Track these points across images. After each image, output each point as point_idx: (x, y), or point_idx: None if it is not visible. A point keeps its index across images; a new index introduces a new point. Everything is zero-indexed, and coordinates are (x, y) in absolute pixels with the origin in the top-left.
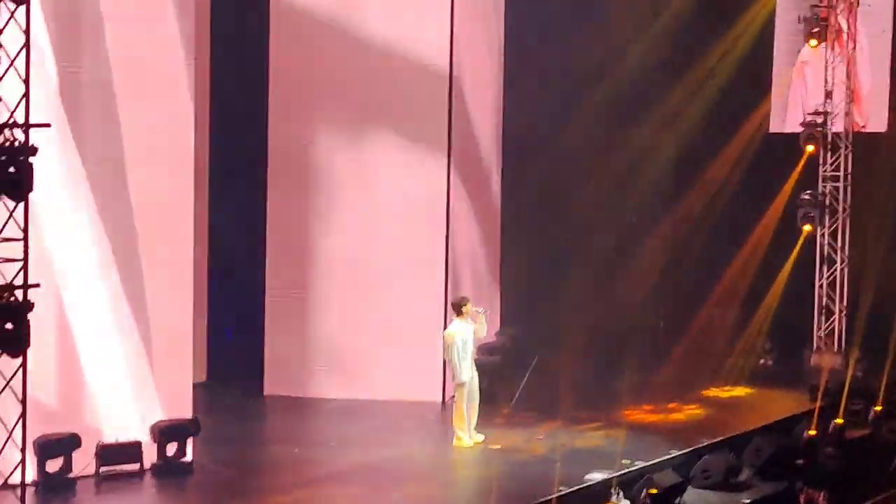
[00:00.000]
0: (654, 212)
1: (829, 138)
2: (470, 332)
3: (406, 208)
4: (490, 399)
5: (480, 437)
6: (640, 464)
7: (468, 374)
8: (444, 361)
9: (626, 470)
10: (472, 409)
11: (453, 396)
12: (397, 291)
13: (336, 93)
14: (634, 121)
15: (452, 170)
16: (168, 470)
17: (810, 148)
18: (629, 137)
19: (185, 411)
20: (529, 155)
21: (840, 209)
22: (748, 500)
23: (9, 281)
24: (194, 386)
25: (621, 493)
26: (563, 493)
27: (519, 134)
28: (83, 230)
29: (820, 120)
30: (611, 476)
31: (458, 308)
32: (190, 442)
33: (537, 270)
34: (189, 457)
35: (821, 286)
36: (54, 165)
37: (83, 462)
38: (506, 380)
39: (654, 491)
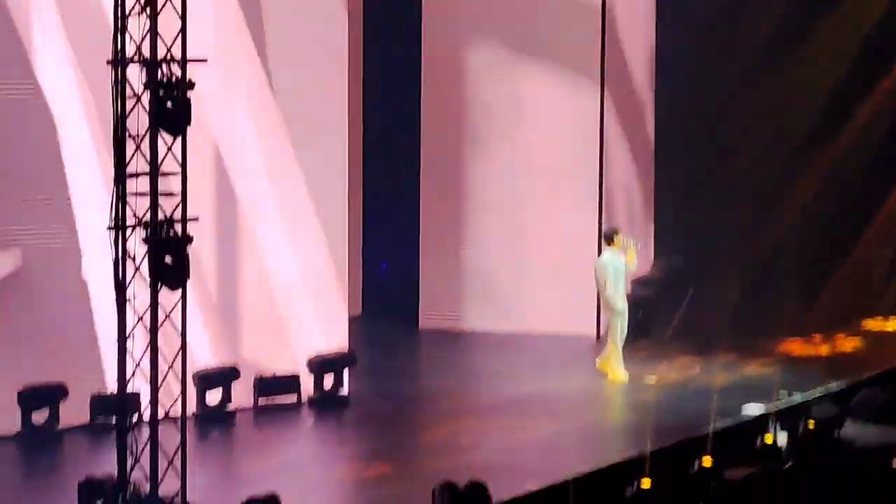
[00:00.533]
0: (809, 146)
1: None
2: (622, 263)
3: (560, 141)
4: (645, 332)
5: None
6: (798, 396)
7: (621, 304)
8: (598, 293)
9: (784, 403)
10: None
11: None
12: (551, 224)
13: (489, 28)
14: (789, 55)
15: (606, 102)
16: (325, 403)
17: None
18: (784, 72)
19: (342, 344)
20: (684, 89)
21: None
22: None
23: (168, 215)
24: (350, 319)
25: (779, 426)
26: (719, 426)
27: (673, 68)
28: (239, 163)
29: None
30: (768, 409)
31: (609, 238)
32: (346, 375)
33: (692, 204)
34: (345, 390)
35: None
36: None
37: (242, 395)
38: (660, 313)
39: (812, 423)
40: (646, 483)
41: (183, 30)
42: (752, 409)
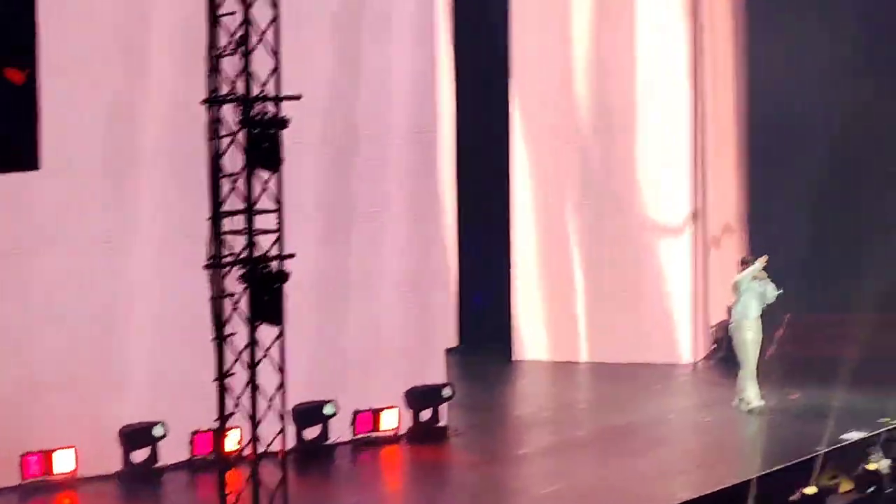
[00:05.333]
0: None
1: None
2: (757, 287)
3: (650, 168)
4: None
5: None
6: None
7: (751, 334)
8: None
9: (886, 428)
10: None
11: (707, 357)
12: (644, 252)
13: None
14: None
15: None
16: (422, 435)
17: None
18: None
19: (439, 377)
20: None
21: None
22: None
23: (265, 252)
24: (446, 351)
25: (881, 452)
26: (820, 452)
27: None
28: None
29: None
30: (869, 434)
31: (745, 262)
32: (444, 407)
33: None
34: (443, 422)
35: None
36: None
37: (340, 429)
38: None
39: None
40: None
41: (276, 67)
42: (854, 435)
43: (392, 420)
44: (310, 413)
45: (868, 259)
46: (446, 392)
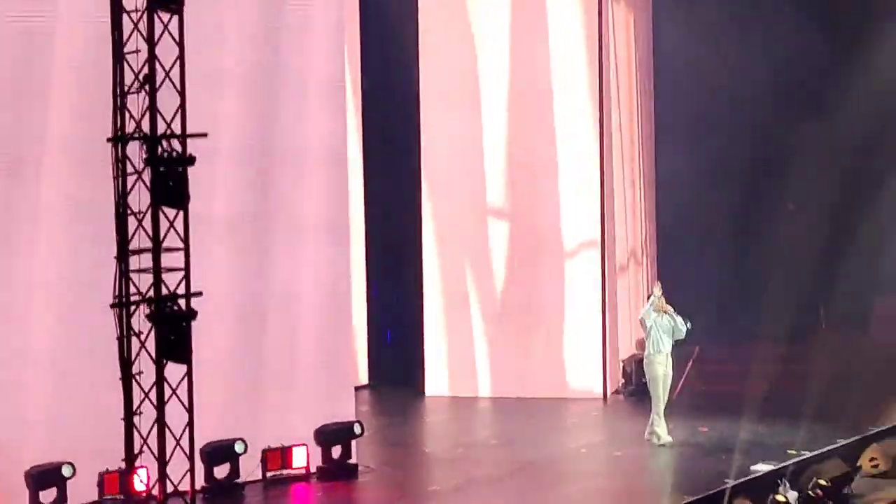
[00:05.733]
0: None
1: None
2: (665, 322)
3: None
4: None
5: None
6: (806, 454)
7: (661, 369)
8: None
9: (793, 461)
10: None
11: (617, 391)
12: (553, 286)
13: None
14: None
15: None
16: (333, 472)
17: None
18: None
19: (349, 414)
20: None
21: None
22: None
23: (171, 290)
24: (356, 388)
25: (788, 485)
26: (729, 485)
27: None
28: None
29: None
30: (777, 467)
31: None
32: (354, 444)
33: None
34: (353, 459)
35: None
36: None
37: (250, 467)
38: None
39: (822, 481)
40: None
41: (182, 105)
42: (762, 468)
43: (302, 458)
44: (219, 451)
45: (775, 290)
46: (356, 429)
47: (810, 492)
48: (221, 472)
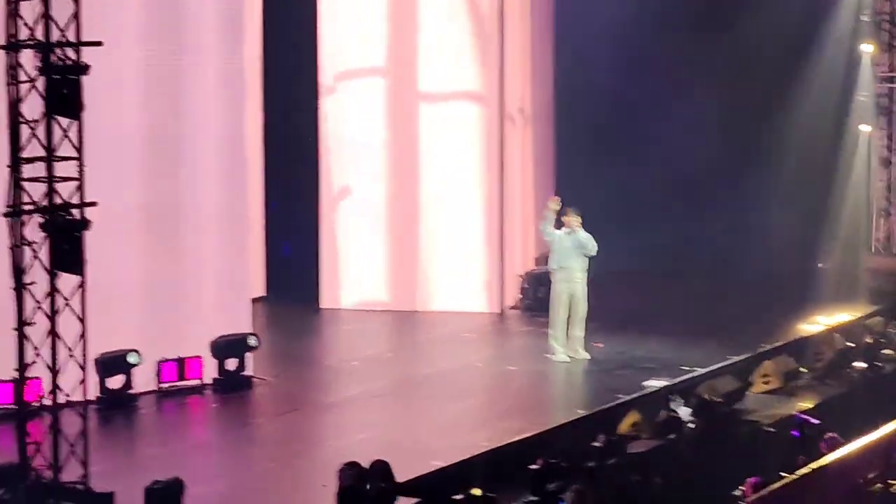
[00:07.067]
0: None
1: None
2: (570, 240)
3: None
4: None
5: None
6: (698, 370)
7: (563, 284)
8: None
9: (685, 377)
10: (576, 322)
11: (515, 306)
12: (449, 203)
13: None
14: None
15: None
16: (228, 384)
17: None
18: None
19: (245, 326)
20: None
21: None
22: (809, 405)
23: (66, 199)
24: (252, 301)
25: (680, 400)
26: (621, 400)
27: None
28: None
29: None
30: (669, 383)
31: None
32: (249, 356)
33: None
34: (248, 371)
35: None
36: None
37: (145, 378)
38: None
39: (713, 397)
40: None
41: (77, 12)
42: (654, 384)
43: (197, 369)
44: (113, 362)
45: (667, 215)
46: (252, 341)
47: (701, 407)
48: (115, 383)
